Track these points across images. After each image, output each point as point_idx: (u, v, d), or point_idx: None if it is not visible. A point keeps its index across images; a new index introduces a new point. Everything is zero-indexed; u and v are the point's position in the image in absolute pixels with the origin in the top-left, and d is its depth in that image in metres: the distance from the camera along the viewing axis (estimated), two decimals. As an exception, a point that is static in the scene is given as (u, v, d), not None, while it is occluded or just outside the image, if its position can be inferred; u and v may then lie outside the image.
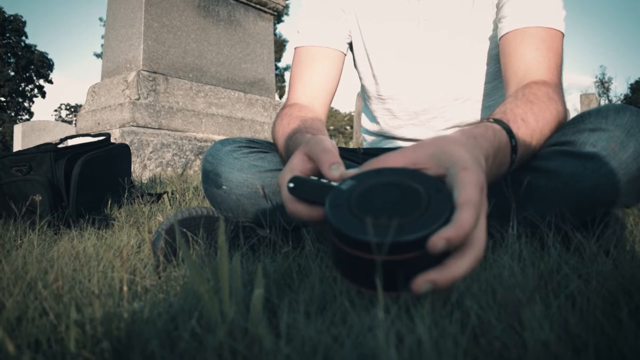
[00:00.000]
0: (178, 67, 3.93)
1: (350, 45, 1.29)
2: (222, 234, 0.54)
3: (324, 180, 0.62)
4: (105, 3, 4.18)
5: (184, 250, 0.56)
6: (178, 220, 0.96)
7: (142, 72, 3.65)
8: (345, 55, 1.26)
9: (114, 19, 4.07)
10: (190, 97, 3.89)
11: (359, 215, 0.52)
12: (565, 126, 0.91)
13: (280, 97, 34.06)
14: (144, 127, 3.54)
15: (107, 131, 3.50)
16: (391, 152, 0.60)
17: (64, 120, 43.28)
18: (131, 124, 3.50)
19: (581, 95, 15.08)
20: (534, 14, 1.01)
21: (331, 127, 39.94)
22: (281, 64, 33.83)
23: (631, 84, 39.67)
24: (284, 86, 34.64)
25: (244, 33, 4.50)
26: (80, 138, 1.97)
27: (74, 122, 42.79)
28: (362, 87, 1.33)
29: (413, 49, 1.19)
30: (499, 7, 1.09)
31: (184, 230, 0.94)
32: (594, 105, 14.71)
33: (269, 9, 4.73)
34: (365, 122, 1.40)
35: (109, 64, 4.04)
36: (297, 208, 0.62)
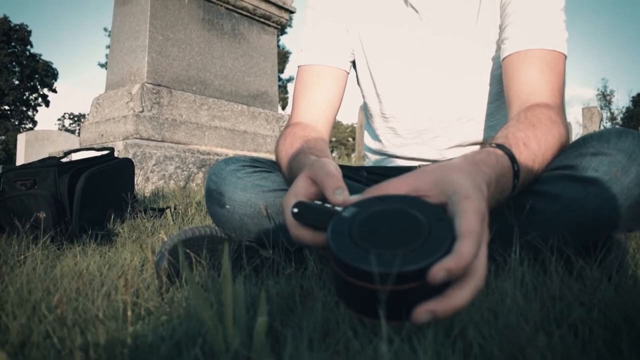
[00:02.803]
0: (182, 80, 3.95)
1: (353, 62, 1.30)
2: (226, 261, 0.55)
3: (328, 205, 0.62)
4: (111, 14, 4.21)
5: (187, 274, 0.56)
6: (181, 241, 0.96)
7: (146, 84, 3.68)
8: (348, 73, 1.26)
9: (119, 32, 4.10)
10: (193, 109, 3.91)
11: (361, 244, 0.52)
12: (567, 150, 0.91)
13: (283, 108, 34.18)
14: (147, 139, 3.55)
15: (111, 143, 3.52)
16: (393, 178, 0.61)
17: (67, 130, 43.41)
18: (135, 136, 3.51)
19: (583, 109, 15.10)
20: (536, 36, 1.02)
21: (333, 139, 40.00)
22: (284, 76, 33.98)
23: (633, 97, 39.69)
24: (287, 97, 34.77)
25: (247, 46, 4.52)
26: (84, 152, 1.98)
27: (77, 132, 42.90)
28: (365, 105, 1.34)
29: (416, 68, 1.20)
30: (501, 28, 1.10)
31: (187, 251, 0.95)
32: (596, 119, 14.77)
33: (273, 22, 4.76)
34: (368, 141, 1.41)
35: (113, 76, 4.06)
36: (301, 233, 0.62)
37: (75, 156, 1.94)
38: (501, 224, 0.84)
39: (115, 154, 3.29)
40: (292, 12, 4.87)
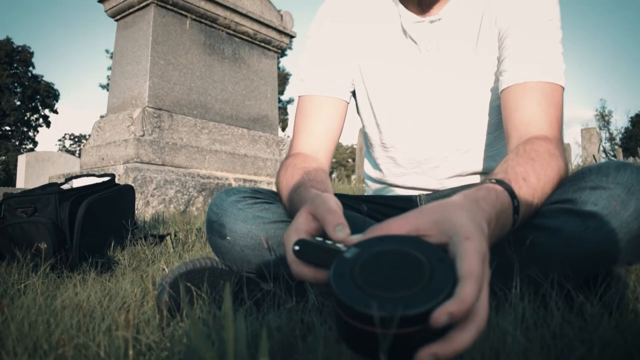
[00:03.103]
0: (183, 104, 3.98)
1: (353, 92, 1.31)
2: (228, 301, 0.55)
3: (329, 242, 0.63)
4: (112, 36, 4.26)
5: (188, 311, 0.56)
6: (182, 273, 0.96)
7: (147, 108, 3.70)
8: (348, 103, 1.27)
9: (121, 56, 4.14)
10: (194, 133, 3.93)
11: (363, 287, 0.52)
12: (566, 183, 0.91)
13: (283, 129, 34.32)
14: (147, 163, 3.57)
15: (112, 167, 3.53)
16: (394, 217, 0.61)
17: (67, 151, 43.50)
18: (135, 160, 3.52)
19: (582, 130, 15.14)
20: (534, 68, 1.03)
21: (333, 160, 40.05)
22: (284, 97, 34.20)
23: (631, 117, 39.87)
24: (287, 119, 34.94)
25: (248, 70, 4.56)
26: (85, 178, 1.98)
27: (77, 152, 42.98)
28: (365, 134, 1.35)
29: (416, 98, 1.21)
30: (500, 60, 1.11)
31: (188, 284, 0.95)
32: (595, 140, 14.77)
33: (273, 46, 4.81)
34: (368, 169, 1.41)
35: (115, 99, 4.09)
36: (302, 270, 0.62)
37: (76, 182, 1.94)
38: (501, 258, 0.85)
39: (116, 178, 3.30)
40: (292, 37, 4.92)
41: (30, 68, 37.54)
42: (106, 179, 1.91)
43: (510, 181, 0.79)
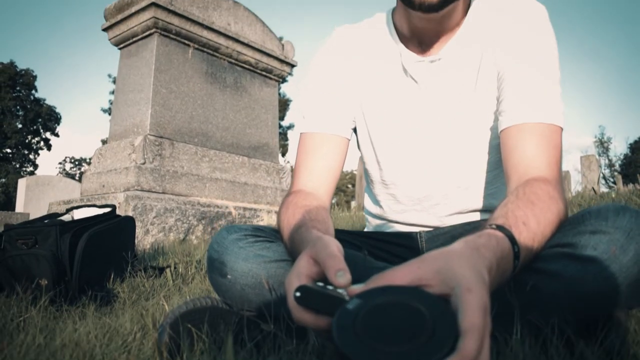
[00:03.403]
0: (184, 132, 4.00)
1: (355, 128, 1.32)
2: (229, 352, 0.55)
3: (330, 287, 0.63)
4: (115, 60, 4.31)
5: (188, 355, 0.56)
6: (182, 314, 0.96)
7: (148, 136, 3.72)
8: (349, 140, 1.28)
9: (124, 84, 4.18)
10: (195, 161, 3.95)
11: (365, 340, 0.52)
12: (566, 225, 0.92)
13: (283, 155, 34.43)
14: (148, 191, 3.57)
15: (112, 194, 3.53)
16: (396, 267, 0.62)
17: (67, 174, 43.56)
18: (136, 187, 3.53)
19: (581, 157, 15.18)
20: (533, 109, 1.03)
21: (333, 185, 39.88)
22: (284, 123, 34.41)
23: (630, 144, 40.04)
24: (287, 144, 35.09)
25: (249, 99, 4.60)
26: (87, 208, 1.99)
27: (77, 176, 43.01)
28: (366, 171, 1.36)
29: (416, 136, 1.22)
30: (499, 100, 1.12)
31: (189, 325, 0.95)
32: (594, 167, 14.77)
33: (275, 75, 4.86)
34: (369, 204, 1.42)
35: (117, 127, 4.11)
36: (304, 316, 0.63)
37: (77, 213, 1.95)
38: (502, 302, 0.85)
39: (116, 205, 3.31)
40: (293, 66, 4.97)
41: (33, 91, 37.82)
42: (107, 210, 1.91)
43: (511, 226, 0.80)
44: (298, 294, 0.63)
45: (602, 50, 72.52)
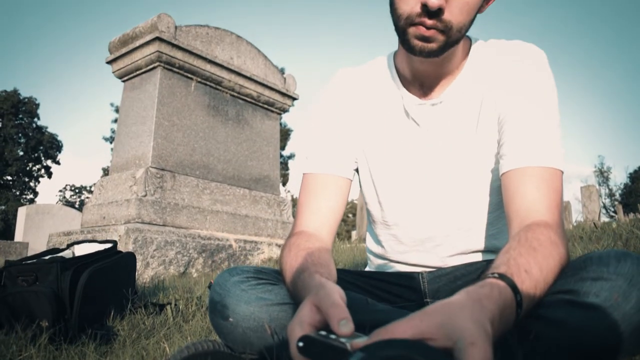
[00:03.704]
0: (185, 165, 4.02)
1: (357, 168, 1.33)
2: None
3: (333, 336, 0.63)
4: (118, 90, 4.36)
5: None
6: (183, 358, 0.95)
7: (150, 169, 3.73)
8: (352, 180, 1.29)
9: (126, 116, 4.21)
10: (196, 194, 3.95)
11: None
12: (568, 271, 0.92)
13: (284, 184, 34.49)
14: (149, 223, 3.57)
15: (112, 226, 3.53)
16: (399, 320, 0.62)
17: (67, 202, 43.53)
18: (136, 220, 3.53)
19: (582, 188, 15.19)
20: (533, 153, 1.04)
21: (334, 214, 39.80)
22: (285, 153, 34.58)
23: (630, 173, 40.12)
24: (288, 174, 35.17)
25: (251, 131, 4.63)
26: (88, 244, 1.99)
27: (77, 203, 42.97)
28: (368, 211, 1.36)
29: (418, 178, 1.23)
30: (499, 143, 1.13)
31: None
32: (594, 197, 14.74)
33: (276, 108, 4.90)
34: (371, 244, 1.42)
35: (119, 159, 4.13)
36: None
37: (78, 248, 1.95)
38: (504, 351, 0.84)
39: (117, 238, 3.30)
40: (295, 99, 5.02)
41: (35, 119, 38.08)
42: (108, 245, 1.91)
43: (513, 275, 0.80)
44: (301, 344, 0.63)
45: (601, 79, 73.30)
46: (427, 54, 1.06)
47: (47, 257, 1.81)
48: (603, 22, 68.49)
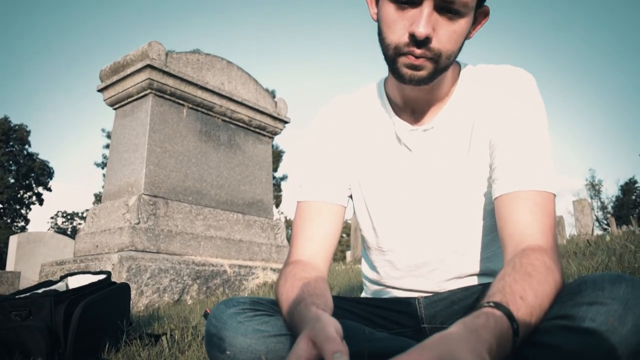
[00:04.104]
0: (178, 191, 4.02)
1: (351, 195, 1.33)
2: None
3: None
4: (109, 115, 4.37)
5: None
6: (181, 394, 0.95)
7: (143, 196, 3.72)
8: (346, 207, 1.29)
9: (118, 143, 4.21)
10: (189, 220, 3.94)
11: None
12: (563, 296, 0.92)
13: (277, 206, 34.50)
14: (142, 251, 3.55)
15: (106, 255, 3.50)
16: (398, 356, 0.62)
17: (59, 228, 43.20)
18: (130, 248, 3.51)
19: (574, 202, 15.25)
20: (526, 177, 1.05)
21: (327, 234, 39.80)
22: (278, 174, 34.64)
23: (621, 185, 40.43)
24: (280, 195, 35.19)
25: (243, 156, 4.64)
26: (81, 275, 1.97)
27: (69, 230, 42.67)
28: (362, 237, 1.36)
29: (412, 203, 1.23)
30: (492, 167, 1.14)
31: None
32: (587, 211, 14.78)
33: (268, 132, 4.92)
34: (366, 270, 1.42)
35: (111, 186, 4.12)
36: None
37: (71, 280, 1.93)
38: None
39: (110, 267, 3.28)
40: (286, 122, 5.04)
41: (26, 146, 37.98)
42: (102, 276, 1.90)
43: (508, 303, 0.81)
44: None
45: (590, 93, 74.18)
46: (417, 82, 1.08)
47: (40, 291, 1.80)
48: (595, 34, 69.60)
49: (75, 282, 1.91)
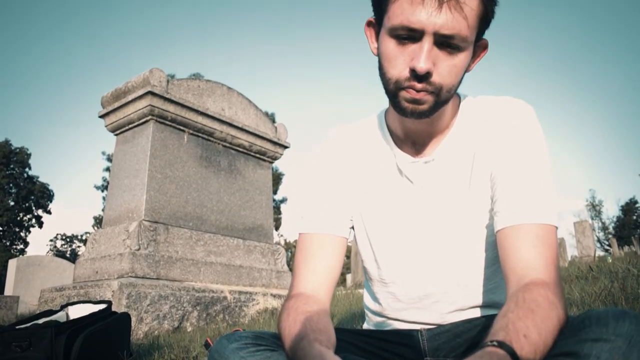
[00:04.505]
0: (179, 216, 4.01)
1: (352, 226, 1.33)
2: None
3: None
4: (109, 139, 4.39)
5: None
6: None
7: (143, 222, 3.72)
8: (348, 239, 1.29)
9: (119, 169, 4.22)
10: (189, 245, 3.93)
11: None
12: (567, 332, 0.92)
13: (277, 228, 34.48)
14: (142, 277, 3.54)
15: (105, 281, 3.49)
16: None
17: (58, 251, 43.04)
18: (130, 274, 3.50)
19: (575, 223, 15.23)
20: (527, 211, 1.05)
21: (327, 257, 39.81)
22: (277, 197, 34.69)
23: (622, 206, 40.37)
24: (280, 218, 35.18)
25: (243, 181, 4.65)
26: (82, 305, 1.96)
27: (68, 252, 42.50)
28: (364, 269, 1.36)
29: (414, 235, 1.23)
30: (493, 199, 1.14)
31: None
32: (588, 232, 14.75)
33: (268, 157, 4.94)
34: (368, 301, 1.41)
35: (111, 212, 4.12)
36: None
37: (72, 309, 1.93)
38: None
39: (110, 293, 3.26)
40: (286, 147, 5.06)
41: (27, 169, 38.03)
42: (102, 306, 1.89)
43: (512, 341, 0.80)
44: None
45: (588, 113, 74.52)
46: (418, 116, 1.09)
47: (41, 321, 1.78)
48: (594, 52, 70.18)
49: (75, 311, 1.90)
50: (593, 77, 71.28)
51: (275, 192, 33.49)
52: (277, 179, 33.29)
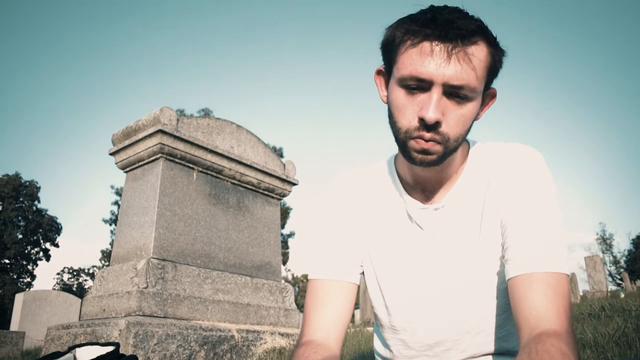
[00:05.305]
0: (187, 254, 4.01)
1: (362, 272, 1.33)
2: None
3: None
4: (117, 173, 4.41)
5: None
6: None
7: (152, 259, 3.72)
8: (358, 284, 1.29)
9: (128, 207, 4.24)
10: (197, 283, 3.92)
11: None
12: None
13: (284, 263, 34.34)
14: (150, 316, 3.52)
15: (113, 319, 3.47)
16: None
17: (65, 284, 42.89)
18: (137, 312, 3.48)
19: (585, 258, 15.06)
20: (538, 259, 1.05)
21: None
22: (285, 231, 34.65)
23: (633, 239, 39.89)
24: (288, 252, 35.07)
25: (251, 218, 4.66)
26: (89, 347, 1.95)
27: (75, 286, 42.34)
28: (375, 315, 1.35)
29: (425, 283, 1.23)
30: (504, 247, 1.14)
31: None
32: (599, 267, 14.57)
33: (276, 194, 4.95)
34: (378, 347, 1.40)
35: (120, 249, 4.12)
36: None
37: (79, 352, 1.91)
38: None
39: (117, 332, 3.24)
40: (294, 184, 5.08)
41: (36, 202, 38.24)
42: (110, 349, 1.88)
43: None
44: None
45: (597, 146, 74.43)
46: (427, 165, 1.10)
47: (48, 365, 1.77)
48: (605, 83, 70.45)
49: (83, 354, 1.89)
50: (603, 110, 71.48)
51: (282, 227, 33.45)
52: (284, 213, 33.29)
